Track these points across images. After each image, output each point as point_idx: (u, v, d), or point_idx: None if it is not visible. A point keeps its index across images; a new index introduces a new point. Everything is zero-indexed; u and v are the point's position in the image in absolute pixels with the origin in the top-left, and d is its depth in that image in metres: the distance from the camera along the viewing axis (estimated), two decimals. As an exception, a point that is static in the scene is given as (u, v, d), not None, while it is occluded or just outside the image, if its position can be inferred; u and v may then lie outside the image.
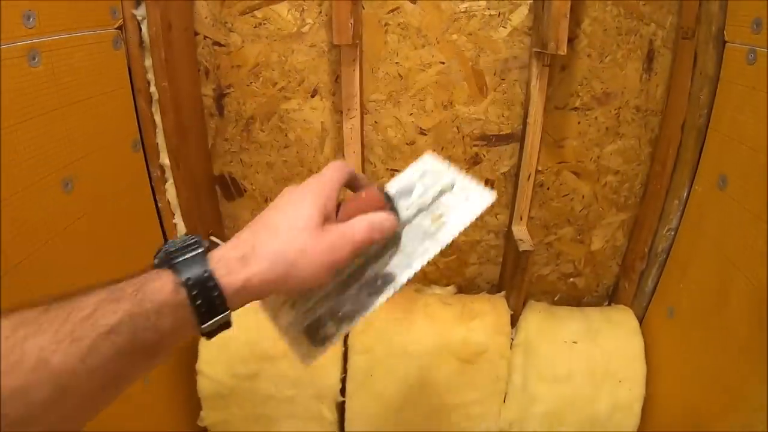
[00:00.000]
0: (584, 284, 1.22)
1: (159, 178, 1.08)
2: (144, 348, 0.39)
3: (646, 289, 1.13)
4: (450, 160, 1.03)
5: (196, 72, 1.08)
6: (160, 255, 0.45)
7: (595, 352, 1.09)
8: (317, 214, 0.49)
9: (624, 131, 1.07)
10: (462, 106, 1.06)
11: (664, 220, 1.07)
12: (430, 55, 1.02)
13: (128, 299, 0.39)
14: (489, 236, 1.18)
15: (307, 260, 0.47)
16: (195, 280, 0.42)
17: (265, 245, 0.46)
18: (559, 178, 1.11)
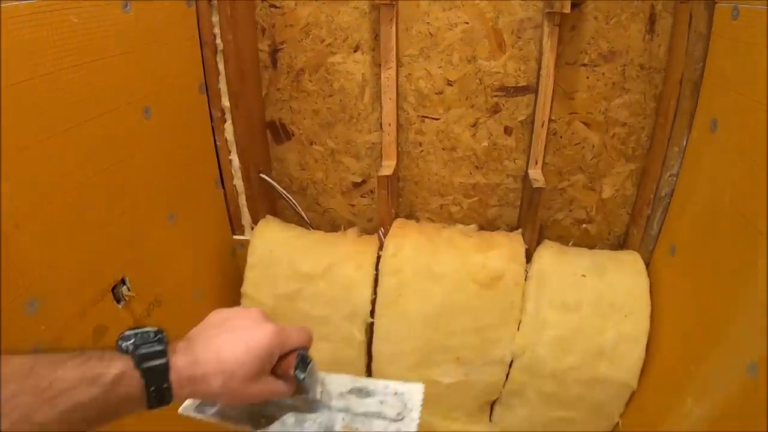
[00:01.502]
0: (596, 231, 1.30)
1: (219, 118, 1.23)
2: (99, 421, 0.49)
3: (651, 232, 1.20)
4: (473, 108, 1.20)
5: (254, 29, 1.25)
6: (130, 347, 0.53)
7: (602, 286, 1.16)
8: (258, 371, 0.59)
9: (629, 87, 1.17)
10: (484, 60, 1.20)
11: (667, 167, 1.15)
12: (456, 16, 1.18)
13: (101, 387, 0.48)
14: (508, 180, 1.29)
15: (234, 396, 0.58)
16: (156, 389, 0.52)
17: (212, 381, 0.56)
18: (570, 127, 1.22)
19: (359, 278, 1.24)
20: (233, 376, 0.56)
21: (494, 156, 1.28)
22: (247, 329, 0.60)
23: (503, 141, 1.26)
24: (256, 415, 0.66)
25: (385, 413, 0.67)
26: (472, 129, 1.27)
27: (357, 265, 1.25)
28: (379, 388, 0.71)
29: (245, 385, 0.57)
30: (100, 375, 0.48)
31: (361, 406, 0.68)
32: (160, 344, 0.54)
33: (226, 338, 0.58)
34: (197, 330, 0.61)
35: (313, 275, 1.25)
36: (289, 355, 0.63)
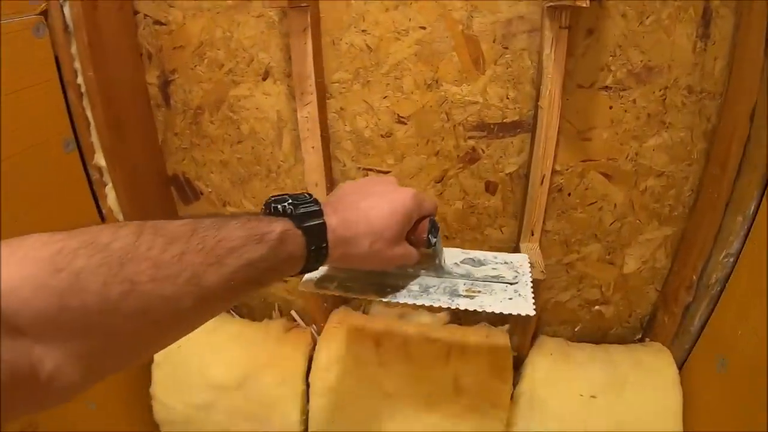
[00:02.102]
0: (613, 313, 0.94)
1: (98, 181, 0.92)
2: (262, 282, 0.48)
3: (691, 328, 0.84)
4: (439, 156, 0.82)
5: (138, 57, 0.90)
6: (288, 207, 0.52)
7: (619, 409, 0.82)
8: (400, 234, 0.59)
9: (671, 120, 0.77)
10: (451, 84, 0.79)
11: (722, 242, 0.78)
12: (407, 18, 0.75)
13: (268, 244, 0.46)
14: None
15: (377, 258, 0.58)
16: (317, 247, 0.52)
17: (362, 242, 0.56)
18: (583, 181, 0.83)
19: (284, 396, 0.91)
20: (380, 237, 0.57)
21: (471, 223, 0.89)
22: (389, 192, 0.60)
23: (484, 202, 0.87)
24: (380, 285, 0.68)
25: (503, 277, 0.70)
26: (438, 186, 0.87)
27: (280, 379, 0.92)
28: (489, 257, 0.75)
29: (389, 247, 0.58)
30: (266, 233, 0.47)
31: (479, 272, 0.71)
32: (316, 205, 0.54)
33: (371, 201, 0.58)
34: (338, 196, 0.61)
35: (227, 387, 0.94)
36: (421, 221, 0.63)
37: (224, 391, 0.94)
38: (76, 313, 0.35)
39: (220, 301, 0.45)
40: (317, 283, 0.68)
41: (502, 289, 0.68)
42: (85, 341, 0.36)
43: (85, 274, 0.35)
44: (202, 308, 0.43)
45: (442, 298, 0.65)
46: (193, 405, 0.97)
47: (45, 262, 0.35)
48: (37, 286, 0.34)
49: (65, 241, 0.36)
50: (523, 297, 0.66)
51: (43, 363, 0.34)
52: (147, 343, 0.41)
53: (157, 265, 0.38)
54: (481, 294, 0.66)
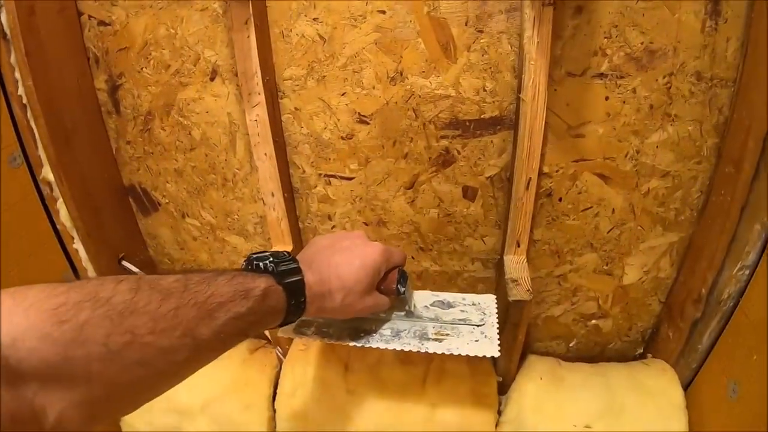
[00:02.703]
0: (611, 327, 0.84)
1: (50, 197, 0.84)
2: (248, 333, 0.50)
3: (699, 346, 0.74)
4: (408, 159, 0.72)
5: (85, 61, 0.82)
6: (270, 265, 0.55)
7: None
8: (370, 286, 0.62)
9: (677, 111, 0.66)
10: (418, 76, 0.68)
11: (736, 253, 0.67)
12: (363, 1, 0.65)
13: (253, 299, 0.49)
14: (474, 266, 0.81)
15: (349, 309, 0.61)
16: (296, 301, 0.55)
17: (335, 297, 0.59)
18: (576, 184, 0.72)
19: (250, 422, 0.83)
20: (351, 291, 0.60)
21: (449, 233, 0.79)
22: (359, 248, 0.63)
23: (462, 209, 0.76)
24: (354, 330, 0.69)
25: (470, 319, 0.71)
26: (410, 193, 0.76)
27: (245, 404, 0.84)
28: (458, 299, 0.76)
29: (360, 299, 0.61)
30: (251, 289, 0.49)
31: (447, 315, 0.72)
32: (295, 263, 0.57)
33: (342, 258, 0.61)
34: (310, 252, 0.63)
35: (190, 411, 0.86)
36: (391, 272, 0.66)
37: (188, 416, 0.86)
38: (80, 363, 0.37)
39: (211, 351, 0.47)
40: (295, 328, 0.70)
41: (469, 331, 0.70)
42: (86, 390, 0.37)
43: (89, 327, 0.37)
44: (195, 359, 0.45)
45: (412, 342, 0.67)
46: (159, 427, 0.89)
47: (49, 313, 0.36)
48: (42, 336, 0.35)
49: (68, 294, 0.38)
50: (489, 339, 0.68)
51: (46, 412, 0.35)
52: (144, 391, 0.43)
53: (155, 319, 0.41)
54: (449, 337, 0.68)
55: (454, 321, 0.71)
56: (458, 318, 0.71)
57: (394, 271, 0.66)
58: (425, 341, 0.67)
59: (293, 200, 0.80)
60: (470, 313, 0.72)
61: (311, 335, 0.69)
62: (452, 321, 0.71)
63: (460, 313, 0.72)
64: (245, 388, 0.84)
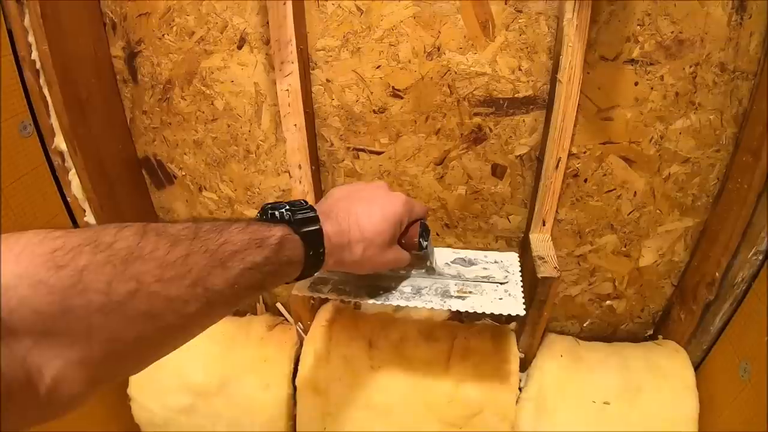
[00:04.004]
0: (624, 308, 0.88)
1: (61, 167, 0.83)
2: (264, 286, 0.48)
3: (711, 328, 0.79)
4: (439, 135, 0.75)
5: (101, 27, 0.81)
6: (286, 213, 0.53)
7: (633, 416, 0.77)
8: (391, 239, 0.62)
9: (701, 100, 0.70)
10: (456, 53, 0.70)
11: (751, 238, 0.72)
12: (407, -26, 0.68)
13: (269, 248, 0.47)
14: (497, 244, 0.84)
15: (369, 264, 0.61)
16: (314, 252, 0.53)
17: (355, 249, 0.58)
18: (602, 165, 0.76)
19: (268, 402, 0.84)
20: (372, 243, 0.59)
21: (476, 210, 0.82)
22: (380, 198, 0.62)
23: (490, 187, 0.80)
24: (373, 287, 0.69)
25: (493, 277, 0.71)
26: (439, 169, 0.79)
27: (263, 383, 0.85)
28: (479, 257, 0.76)
29: (381, 252, 0.60)
30: (266, 238, 0.47)
31: (469, 272, 0.72)
32: (313, 211, 0.55)
33: (363, 208, 0.60)
34: (329, 203, 0.61)
35: (206, 391, 0.87)
36: (412, 225, 0.65)
37: (204, 396, 0.87)
38: (79, 314, 0.34)
39: (224, 305, 0.44)
40: (311, 286, 0.69)
41: (492, 289, 0.70)
42: (86, 347, 0.34)
43: (89, 273, 0.34)
44: (207, 312, 0.42)
45: (434, 300, 0.67)
46: (172, 408, 0.90)
47: (44, 258, 0.33)
48: (35, 283, 0.32)
49: (65, 237, 0.35)
50: (514, 297, 0.68)
51: (42, 373, 0.32)
52: (150, 349, 0.40)
53: (162, 266, 0.38)
54: (473, 294, 0.68)
55: (477, 278, 0.71)
56: (481, 275, 0.72)
57: (415, 224, 0.65)
58: (448, 299, 0.67)
59: (319, 173, 0.82)
60: (493, 270, 0.73)
61: (327, 293, 0.68)
62: (475, 278, 0.71)
63: (482, 270, 0.73)
64: (264, 366, 0.85)
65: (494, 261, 0.75)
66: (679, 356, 0.83)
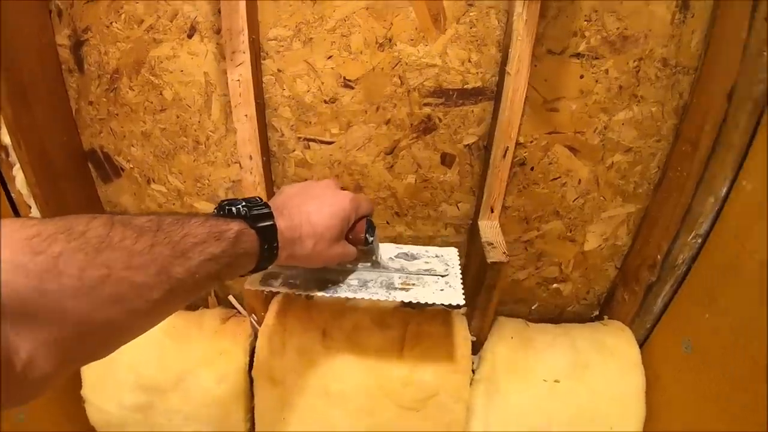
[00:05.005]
0: (570, 291, 0.94)
1: (5, 161, 0.84)
2: (221, 276, 0.52)
3: (654, 308, 0.86)
4: (390, 125, 0.78)
5: (46, 14, 0.80)
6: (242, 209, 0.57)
7: (582, 392, 0.83)
8: (340, 234, 0.67)
9: (643, 93, 0.75)
10: (407, 44, 0.73)
11: (691, 222, 0.78)
12: (358, -35, 0.70)
13: (227, 241, 0.51)
14: (447, 231, 0.88)
15: (319, 258, 0.65)
16: (269, 246, 0.58)
17: (306, 243, 0.63)
18: (548, 154, 0.80)
19: (224, 395, 0.86)
20: (322, 238, 0.64)
21: (424, 198, 0.85)
22: (329, 196, 0.67)
23: (439, 176, 0.83)
24: (322, 280, 0.73)
25: (435, 270, 0.77)
26: (389, 158, 0.82)
27: (219, 376, 0.86)
28: (421, 252, 0.82)
29: (330, 247, 0.65)
30: (224, 231, 0.52)
31: (412, 266, 0.78)
32: (267, 208, 0.60)
33: (313, 205, 0.65)
34: (281, 200, 0.66)
35: (161, 388, 0.88)
36: (359, 221, 0.70)
37: (160, 392, 0.88)
38: (53, 297, 0.36)
39: (185, 292, 0.47)
40: (262, 280, 0.73)
41: (434, 281, 0.76)
42: (58, 329, 0.37)
43: (64, 259, 0.37)
44: (169, 299, 0.46)
45: (380, 292, 0.72)
46: (128, 407, 0.91)
47: (22, 243, 0.36)
48: (15, 267, 0.35)
49: (40, 226, 0.38)
50: (454, 288, 0.74)
51: (18, 352, 0.35)
52: (117, 332, 0.43)
53: (130, 255, 0.42)
54: (415, 286, 0.74)
55: (419, 271, 0.77)
56: (423, 269, 0.77)
57: (362, 220, 0.71)
58: (392, 290, 0.72)
59: (270, 164, 0.83)
60: (434, 264, 0.79)
61: (278, 286, 0.72)
62: (417, 271, 0.77)
63: (424, 264, 0.79)
64: (219, 359, 0.87)
65: (435, 255, 0.82)
66: (624, 335, 0.89)
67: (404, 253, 0.82)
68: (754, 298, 0.67)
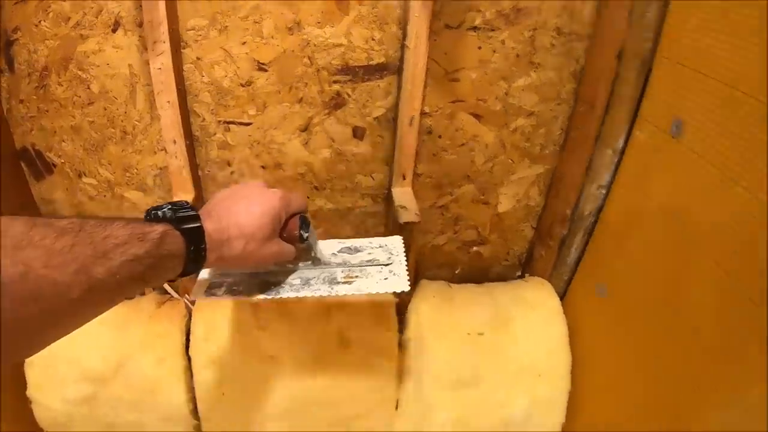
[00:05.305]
0: (491, 253, 1.01)
1: None
2: (146, 279, 0.51)
3: (568, 259, 0.93)
4: (302, 103, 0.84)
5: None
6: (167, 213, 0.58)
7: (507, 343, 0.90)
8: (271, 233, 0.67)
9: (540, 60, 0.83)
10: (314, 27, 0.79)
11: (593, 175, 0.86)
12: (264, -45, 0.75)
13: (150, 242, 0.51)
14: (364, 201, 0.94)
15: (252, 258, 0.65)
16: (195, 248, 0.58)
17: (235, 244, 0.63)
18: (453, 122, 0.87)
19: (164, 377, 0.90)
20: (252, 238, 0.65)
21: (340, 171, 0.92)
22: (257, 195, 0.68)
23: (353, 148, 0.89)
24: (264, 283, 0.75)
25: (377, 260, 0.78)
26: (304, 135, 0.88)
27: (158, 358, 0.91)
28: (365, 244, 0.83)
29: (262, 247, 0.66)
30: (148, 233, 0.52)
31: (355, 258, 0.79)
32: (193, 210, 0.60)
33: (242, 206, 0.66)
34: (212, 204, 0.67)
35: (104, 377, 0.91)
36: (292, 218, 0.72)
37: (102, 382, 0.92)
38: None
39: (107, 292, 0.48)
40: (207, 290, 0.75)
41: (377, 271, 0.76)
42: None
43: None
44: (90, 299, 0.46)
45: (323, 288, 0.73)
46: (72, 401, 0.94)
47: None
48: None
49: None
50: (398, 275, 0.75)
51: None
52: (38, 331, 0.44)
53: (50, 253, 0.42)
54: (359, 278, 0.75)
55: (362, 263, 0.77)
56: (366, 260, 0.78)
57: (295, 217, 0.71)
58: (335, 285, 0.73)
59: (193, 148, 0.89)
60: (377, 254, 0.79)
61: (222, 295, 0.73)
62: (360, 263, 0.77)
63: (367, 255, 0.79)
64: (157, 341, 0.91)
65: (379, 246, 0.82)
66: (544, 288, 0.96)
67: (347, 247, 0.82)
68: (658, 239, 0.74)
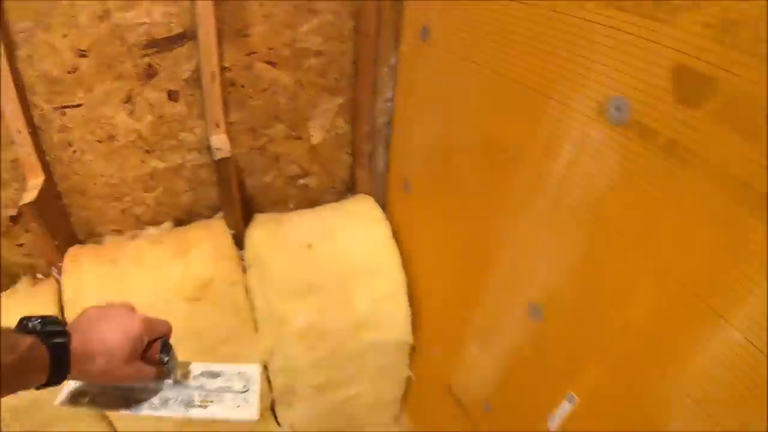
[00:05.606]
0: (317, 184, 1.87)
1: None
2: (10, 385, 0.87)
3: (378, 170, 1.77)
4: (122, 79, 1.72)
5: None
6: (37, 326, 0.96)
7: (337, 251, 1.70)
8: (132, 353, 1.07)
9: (318, 7, 1.63)
10: (120, 12, 1.56)
11: (379, 93, 1.66)
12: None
13: (19, 353, 0.86)
14: (192, 155, 1.79)
15: (112, 375, 1.05)
16: (59, 363, 0.95)
17: (98, 361, 1.02)
18: (252, 72, 1.69)
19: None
20: (114, 357, 1.03)
21: (164, 132, 1.74)
22: (123, 317, 1.10)
23: (171, 110, 1.73)
24: (127, 399, 1.19)
25: (233, 387, 1.28)
26: (128, 105, 1.70)
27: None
28: (224, 370, 1.33)
29: (123, 365, 1.05)
30: (17, 344, 0.87)
31: (213, 383, 1.28)
32: (61, 326, 0.99)
33: (108, 326, 1.06)
34: (81, 320, 1.08)
35: None
36: (155, 342, 1.16)
37: None
38: None
39: None
40: (71, 399, 1.17)
41: (231, 398, 1.27)
42: None
43: None
44: None
45: (179, 409, 1.21)
46: None
47: None
48: None
49: None
50: (250, 403, 1.26)
51: None
52: None
53: None
54: (213, 404, 1.24)
55: (219, 389, 1.27)
56: (223, 386, 1.28)
57: (158, 341, 1.16)
58: (191, 408, 1.21)
59: (38, 135, 1.66)
60: (234, 381, 1.30)
61: (86, 404, 1.17)
62: (217, 389, 1.27)
63: (224, 382, 1.29)
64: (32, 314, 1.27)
65: (237, 372, 1.34)
66: (367, 200, 1.80)
67: (208, 371, 1.33)
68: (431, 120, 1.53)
